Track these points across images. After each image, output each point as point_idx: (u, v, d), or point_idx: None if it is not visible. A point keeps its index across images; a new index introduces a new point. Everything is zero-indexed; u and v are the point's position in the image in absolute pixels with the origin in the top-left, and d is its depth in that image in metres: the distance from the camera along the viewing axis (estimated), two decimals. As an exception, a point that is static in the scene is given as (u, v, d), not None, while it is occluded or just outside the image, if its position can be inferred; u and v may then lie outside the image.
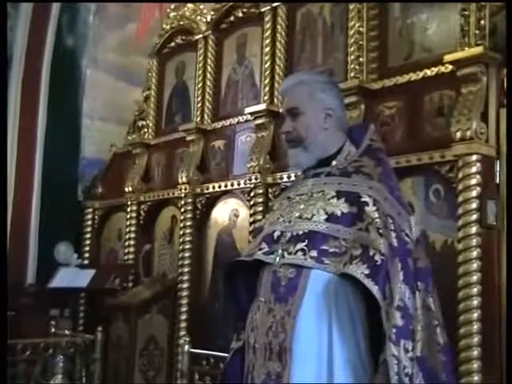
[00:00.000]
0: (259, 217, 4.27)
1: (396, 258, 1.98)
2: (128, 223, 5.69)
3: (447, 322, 2.24)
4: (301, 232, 2.12)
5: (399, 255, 2.00)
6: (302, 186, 2.29)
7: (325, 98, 2.26)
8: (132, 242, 5.65)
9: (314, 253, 2.05)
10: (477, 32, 3.33)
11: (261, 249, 2.20)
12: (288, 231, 2.16)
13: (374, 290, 1.89)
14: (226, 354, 2.47)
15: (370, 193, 2.11)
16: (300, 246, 2.09)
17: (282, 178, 4.29)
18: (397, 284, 1.95)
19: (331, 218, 2.10)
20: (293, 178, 4.04)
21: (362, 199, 2.09)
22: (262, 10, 4.73)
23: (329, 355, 1.99)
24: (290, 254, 2.11)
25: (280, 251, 2.13)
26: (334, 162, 2.26)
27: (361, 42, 3.94)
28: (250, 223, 4.42)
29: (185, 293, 5.00)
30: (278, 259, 2.12)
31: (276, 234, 2.20)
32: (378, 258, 1.94)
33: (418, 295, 2.04)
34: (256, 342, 2.13)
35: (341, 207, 2.10)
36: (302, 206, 2.20)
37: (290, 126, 2.27)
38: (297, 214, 2.18)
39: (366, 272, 1.91)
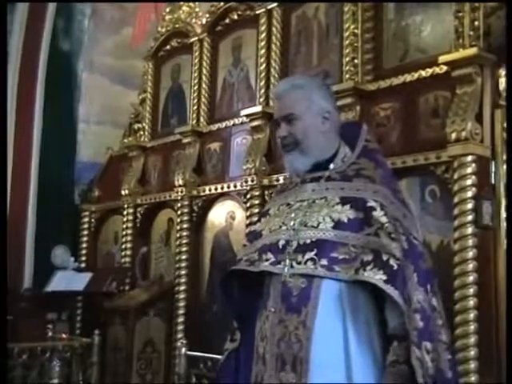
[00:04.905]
0: (256, 219, 4.26)
1: (408, 261, 1.99)
2: (125, 226, 5.69)
3: (444, 322, 2.25)
4: (308, 241, 2.09)
5: (411, 258, 2.00)
6: (302, 192, 2.24)
7: (322, 102, 2.21)
8: (129, 245, 5.65)
9: (324, 261, 2.03)
10: (471, 33, 3.35)
11: (267, 259, 2.17)
12: (294, 240, 2.13)
13: (395, 295, 1.90)
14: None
15: (376, 197, 2.09)
16: (309, 255, 2.06)
17: (278, 180, 4.30)
18: (413, 287, 1.96)
19: (338, 224, 2.07)
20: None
21: (369, 204, 2.07)
22: (257, 12, 4.74)
23: (346, 361, 1.99)
24: (299, 263, 2.08)
25: (288, 261, 2.10)
26: (331, 166, 2.22)
27: (356, 44, 3.95)
28: (247, 225, 4.42)
29: (182, 295, 5.01)
30: (286, 269, 2.09)
31: (281, 243, 2.15)
32: (393, 262, 1.94)
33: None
34: (266, 352, 2.11)
35: (347, 213, 2.08)
36: (304, 213, 2.16)
37: (286, 130, 2.20)
38: (300, 222, 2.15)
39: (384, 278, 1.92)
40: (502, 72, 3.24)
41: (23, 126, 6.33)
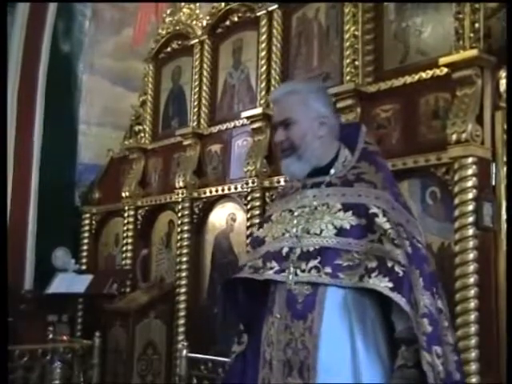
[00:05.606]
0: (256, 221, 4.27)
1: (413, 265, 1.99)
2: (125, 228, 5.69)
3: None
4: (312, 248, 2.09)
5: (415, 262, 2.00)
6: (303, 198, 2.23)
7: (318, 107, 2.20)
8: (129, 247, 5.65)
9: (328, 269, 2.03)
10: (471, 35, 3.35)
11: (271, 267, 2.16)
12: (297, 247, 2.13)
13: (402, 302, 1.89)
14: (224, 359, 2.48)
15: (378, 203, 2.09)
16: (313, 263, 2.06)
17: (279, 182, 4.30)
18: (419, 291, 1.96)
19: (341, 231, 2.07)
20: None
21: (371, 211, 2.07)
22: (258, 14, 4.74)
23: (353, 367, 1.99)
24: (303, 271, 2.08)
25: (292, 269, 2.10)
26: (332, 171, 2.21)
27: (356, 46, 3.96)
28: (248, 227, 4.42)
29: (182, 297, 5.00)
30: (291, 277, 2.10)
31: (285, 250, 2.16)
32: (398, 269, 1.94)
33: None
34: (272, 358, 2.12)
35: (349, 220, 2.08)
36: (306, 220, 2.16)
37: (283, 135, 2.20)
38: (303, 229, 2.15)
39: (390, 285, 1.91)
40: (503, 74, 3.25)
41: (24, 127, 6.33)
